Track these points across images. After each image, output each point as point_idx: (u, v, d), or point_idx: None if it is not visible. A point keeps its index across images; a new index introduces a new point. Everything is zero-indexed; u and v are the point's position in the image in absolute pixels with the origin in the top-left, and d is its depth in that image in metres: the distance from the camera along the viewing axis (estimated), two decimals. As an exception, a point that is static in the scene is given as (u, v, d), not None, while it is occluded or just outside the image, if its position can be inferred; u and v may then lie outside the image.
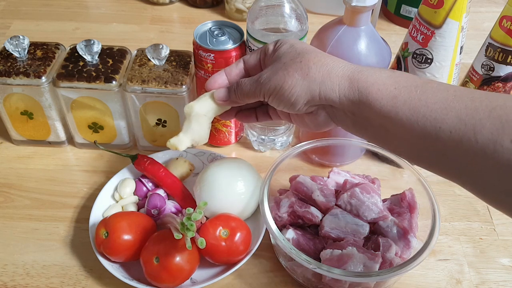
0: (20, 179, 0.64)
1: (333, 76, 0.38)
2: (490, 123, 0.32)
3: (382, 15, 0.97)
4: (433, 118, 0.34)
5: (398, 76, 0.37)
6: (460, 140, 0.33)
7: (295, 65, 0.39)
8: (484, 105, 0.32)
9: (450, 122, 0.33)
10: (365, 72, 0.37)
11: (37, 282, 0.53)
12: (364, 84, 0.37)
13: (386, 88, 0.36)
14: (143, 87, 0.60)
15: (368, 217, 0.53)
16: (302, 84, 0.39)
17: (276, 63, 0.41)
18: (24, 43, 0.61)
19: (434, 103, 0.34)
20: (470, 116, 0.32)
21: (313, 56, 0.39)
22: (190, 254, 0.49)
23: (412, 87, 0.35)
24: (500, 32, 0.61)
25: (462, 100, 0.33)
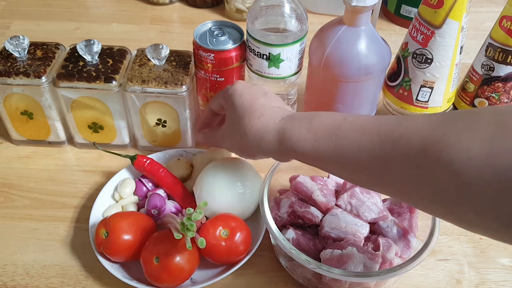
0: (20, 179, 0.64)
1: (266, 141, 0.45)
2: (396, 154, 0.35)
3: (382, 15, 0.97)
4: (352, 158, 0.39)
5: (316, 127, 0.42)
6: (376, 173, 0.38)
7: (237, 132, 0.48)
8: (389, 138, 0.36)
9: (367, 160, 0.38)
10: (288, 131, 0.43)
11: (37, 282, 0.53)
12: (290, 143, 0.43)
13: (307, 143, 0.41)
14: (143, 87, 0.60)
15: (368, 217, 0.53)
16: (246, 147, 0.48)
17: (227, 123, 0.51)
18: (24, 43, 0.61)
19: (349, 146, 0.39)
20: (379, 153, 0.37)
21: (248, 122, 0.47)
22: (190, 254, 0.49)
23: (328, 136, 0.40)
24: (500, 32, 0.61)
25: (371, 138, 0.37)
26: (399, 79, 0.65)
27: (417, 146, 0.34)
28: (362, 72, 0.56)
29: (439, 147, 0.33)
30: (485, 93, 0.65)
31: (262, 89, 0.51)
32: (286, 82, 0.63)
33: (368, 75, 0.57)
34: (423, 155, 0.33)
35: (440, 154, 0.32)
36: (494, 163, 0.30)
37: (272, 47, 0.58)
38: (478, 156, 0.31)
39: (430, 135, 0.34)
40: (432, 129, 0.34)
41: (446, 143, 0.32)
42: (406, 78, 0.63)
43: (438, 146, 0.33)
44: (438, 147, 0.33)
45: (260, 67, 0.60)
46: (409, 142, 0.35)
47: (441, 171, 0.32)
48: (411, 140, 0.35)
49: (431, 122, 0.35)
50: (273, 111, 0.46)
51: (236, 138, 0.48)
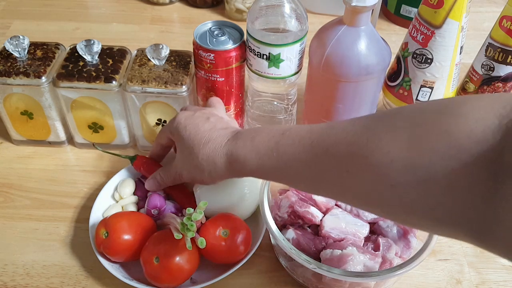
0: (20, 179, 0.64)
1: (219, 165, 0.47)
2: (329, 163, 0.37)
3: (382, 15, 0.97)
4: (293, 171, 0.41)
5: (258, 145, 0.43)
6: (314, 183, 0.40)
7: (190, 164, 0.49)
8: (321, 148, 0.38)
9: (304, 172, 0.40)
10: (234, 153, 0.45)
11: (37, 282, 0.53)
12: (239, 165, 0.45)
13: (253, 161, 0.44)
14: (143, 87, 0.60)
15: (368, 217, 0.53)
16: (204, 176, 0.49)
17: (179, 157, 0.51)
18: (24, 43, 0.61)
19: (289, 160, 0.41)
20: (314, 162, 0.39)
21: (197, 153, 0.48)
22: (190, 254, 0.49)
23: (270, 152, 0.42)
24: (500, 32, 0.61)
25: (305, 150, 0.39)
26: (399, 79, 0.65)
27: (345, 154, 0.36)
28: (362, 72, 0.56)
29: (364, 153, 0.34)
30: (485, 93, 0.65)
31: (204, 114, 0.52)
32: (286, 82, 0.63)
33: (368, 75, 0.57)
34: (352, 162, 0.35)
35: (366, 159, 0.34)
36: (414, 163, 0.31)
37: (272, 47, 0.58)
38: (398, 158, 0.32)
39: (355, 141, 0.35)
40: (358, 135, 0.35)
41: (370, 148, 0.34)
42: (406, 78, 0.63)
43: (364, 152, 0.34)
44: (364, 153, 0.34)
45: (260, 67, 0.60)
46: (338, 150, 0.36)
47: (369, 175, 0.34)
48: (340, 148, 0.36)
49: (356, 128, 0.36)
50: (218, 134, 0.48)
51: (192, 168, 0.49)
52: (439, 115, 0.32)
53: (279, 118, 0.67)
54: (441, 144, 0.30)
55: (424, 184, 0.31)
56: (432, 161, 0.30)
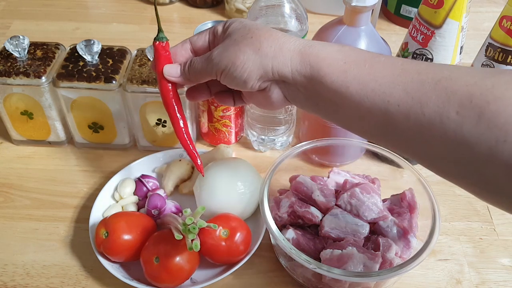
0: (20, 179, 0.64)
1: (285, 50, 0.38)
2: (436, 96, 0.32)
3: (382, 15, 0.97)
4: (381, 92, 0.34)
5: (347, 51, 0.37)
6: (408, 113, 0.33)
7: (246, 40, 0.39)
8: (430, 78, 0.33)
9: (398, 96, 0.33)
10: (316, 46, 0.37)
11: (37, 282, 0.53)
12: (315, 59, 0.37)
13: (336, 63, 0.36)
14: (143, 87, 0.60)
15: (368, 217, 0.53)
16: (254, 59, 0.38)
17: (226, 41, 0.40)
18: (24, 43, 0.61)
19: (383, 77, 0.34)
20: (416, 89, 0.33)
21: (264, 32, 0.39)
22: (190, 254, 0.49)
23: (361, 61, 0.35)
24: (500, 32, 0.61)
25: (409, 74, 0.34)
26: (399, 79, 0.65)
27: (462, 92, 0.31)
28: (362, 72, 0.56)
29: (487, 98, 0.30)
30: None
31: None
32: (286, 82, 0.63)
33: (368, 75, 0.57)
34: (467, 103, 0.31)
35: (487, 105, 0.30)
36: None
37: (272, 47, 0.57)
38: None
39: (477, 83, 0.31)
40: (480, 78, 0.32)
41: (495, 95, 0.30)
42: (406, 78, 0.63)
43: (486, 96, 0.30)
44: (486, 97, 0.30)
45: (260, 67, 0.60)
46: (454, 85, 0.32)
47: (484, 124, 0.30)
48: (456, 84, 0.32)
49: (477, 72, 0.32)
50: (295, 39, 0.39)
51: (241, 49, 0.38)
52: None
53: (279, 118, 0.67)
54: None
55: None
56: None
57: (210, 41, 0.45)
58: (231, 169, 0.56)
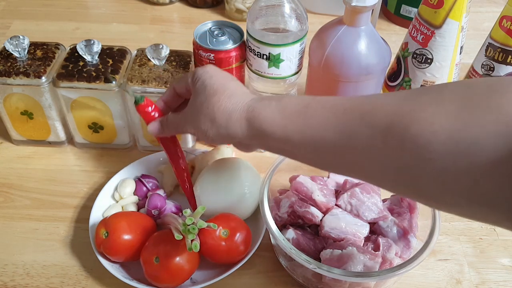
0: (20, 179, 0.64)
1: (234, 120, 0.43)
2: (361, 131, 0.35)
3: (382, 15, 0.97)
4: (319, 137, 0.38)
5: (285, 105, 0.41)
6: (344, 148, 0.37)
7: (204, 111, 0.45)
8: (356, 114, 0.36)
9: (333, 137, 0.37)
10: (257, 109, 0.42)
11: (37, 282, 0.53)
12: (259, 122, 0.42)
13: (276, 122, 0.40)
14: (143, 87, 0.60)
15: (368, 217, 0.53)
16: (212, 128, 0.45)
17: (194, 103, 0.47)
18: (24, 43, 0.61)
19: (317, 124, 0.38)
20: (346, 128, 0.36)
21: (217, 100, 0.44)
22: (190, 254, 0.49)
23: (296, 115, 0.40)
24: (500, 32, 0.61)
25: (337, 115, 0.37)
26: (399, 79, 0.65)
27: (384, 122, 0.34)
28: (362, 72, 0.56)
29: (405, 123, 0.32)
30: None
31: (229, 75, 0.49)
32: (286, 82, 0.63)
33: (368, 75, 0.57)
34: (390, 131, 0.33)
35: (406, 129, 0.32)
36: (458, 137, 0.30)
37: (272, 47, 0.58)
38: (442, 129, 0.30)
39: (396, 110, 0.33)
40: (399, 105, 0.34)
41: (412, 118, 0.32)
42: (406, 78, 0.63)
43: (405, 122, 0.32)
44: (405, 123, 0.32)
45: (260, 67, 0.60)
46: (375, 117, 0.34)
47: (407, 147, 0.32)
48: (377, 116, 0.34)
49: (397, 98, 0.35)
50: (243, 92, 0.45)
51: (201, 119, 0.45)
52: (490, 91, 0.30)
53: (279, 118, 0.67)
54: (490, 119, 0.29)
55: (466, 159, 0.29)
56: (478, 136, 0.29)
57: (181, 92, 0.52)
58: (231, 169, 0.56)
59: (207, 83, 0.46)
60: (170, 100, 0.53)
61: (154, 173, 0.63)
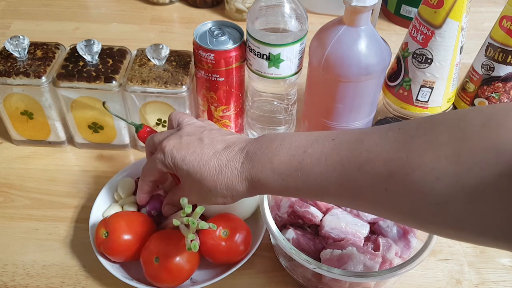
0: (20, 179, 0.64)
1: (239, 190, 0.44)
2: (363, 181, 0.35)
3: (382, 15, 0.97)
4: (320, 190, 0.39)
5: (278, 167, 0.41)
6: (350, 198, 0.38)
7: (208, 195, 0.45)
8: (353, 166, 0.36)
9: (335, 190, 0.38)
10: (256, 178, 0.42)
11: (37, 282, 0.53)
12: (263, 187, 0.42)
13: (277, 184, 0.41)
14: (143, 87, 0.60)
15: (368, 217, 0.53)
16: (227, 199, 0.45)
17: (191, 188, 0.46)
18: (24, 43, 0.61)
19: (314, 180, 0.38)
20: (346, 180, 0.37)
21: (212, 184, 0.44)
22: (190, 254, 0.49)
23: (294, 174, 0.40)
24: (500, 32, 0.61)
25: (334, 168, 0.37)
26: (399, 79, 0.65)
27: (383, 171, 0.34)
28: (362, 72, 0.56)
29: (405, 171, 0.33)
30: (485, 93, 0.65)
31: (191, 135, 0.47)
32: (286, 82, 0.63)
33: (368, 75, 0.57)
34: (391, 180, 0.34)
35: (407, 177, 0.33)
36: (462, 181, 0.30)
37: (272, 47, 0.58)
38: (444, 175, 0.31)
39: (393, 158, 0.34)
40: (394, 151, 0.34)
41: (411, 166, 0.33)
42: (406, 78, 0.63)
43: (404, 170, 0.33)
44: (405, 171, 0.33)
45: (260, 67, 0.60)
46: (374, 167, 0.35)
47: (411, 193, 0.33)
48: (375, 166, 0.35)
49: (391, 142, 0.35)
50: (227, 158, 0.44)
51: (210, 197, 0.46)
52: (484, 128, 0.30)
53: (279, 118, 0.67)
54: (490, 160, 0.29)
55: (473, 200, 0.30)
56: (481, 177, 0.29)
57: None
58: (231, 169, 0.56)
59: (185, 169, 0.45)
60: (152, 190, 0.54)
61: (154, 173, 0.63)
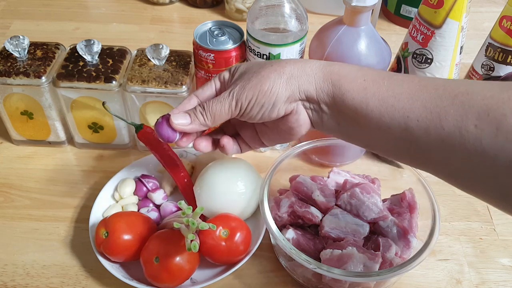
0: (20, 179, 0.64)
1: (308, 70, 0.39)
2: (454, 110, 0.33)
3: (382, 15, 0.97)
4: (400, 107, 0.35)
5: (366, 70, 0.38)
6: (428, 127, 0.34)
7: (268, 68, 0.40)
8: (448, 93, 0.34)
9: (417, 111, 0.34)
10: (336, 65, 0.39)
11: (37, 282, 0.53)
12: (337, 77, 0.38)
13: (356, 80, 0.37)
14: (143, 87, 0.60)
15: (368, 217, 0.53)
16: (280, 82, 0.39)
17: (244, 78, 0.41)
18: (24, 43, 0.61)
19: (401, 93, 0.35)
20: (435, 104, 0.34)
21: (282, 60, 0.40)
22: (190, 254, 0.49)
23: (380, 79, 0.37)
24: (500, 32, 0.61)
25: (426, 89, 0.34)
26: (399, 79, 0.65)
27: (479, 105, 0.32)
28: (362, 72, 0.56)
29: (503, 111, 0.31)
30: None
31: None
32: (286, 82, 0.63)
33: (368, 75, 0.57)
34: (485, 116, 0.32)
35: (504, 117, 0.31)
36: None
37: (272, 47, 0.58)
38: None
39: (494, 96, 0.32)
40: (497, 91, 0.32)
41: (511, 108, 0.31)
42: (406, 78, 0.63)
43: (503, 110, 0.31)
44: (502, 111, 0.31)
45: (260, 67, 0.60)
46: (471, 99, 0.33)
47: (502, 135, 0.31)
48: (473, 98, 0.33)
49: (492, 86, 0.33)
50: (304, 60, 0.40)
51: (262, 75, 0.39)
52: None
53: (279, 118, 0.67)
54: None
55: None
56: None
57: (217, 89, 0.45)
58: (231, 169, 0.56)
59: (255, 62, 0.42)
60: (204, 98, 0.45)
61: (154, 173, 0.63)
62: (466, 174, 0.34)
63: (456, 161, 0.34)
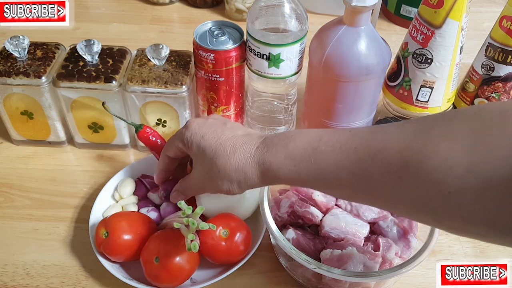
0: (20, 179, 0.64)
1: (249, 174, 0.44)
2: (376, 169, 0.35)
3: (382, 15, 0.97)
4: (333, 178, 0.38)
5: (293, 152, 0.41)
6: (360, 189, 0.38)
7: (217, 175, 0.45)
8: (367, 154, 0.36)
9: (346, 178, 0.38)
10: (267, 162, 0.42)
11: (37, 282, 0.53)
12: (273, 173, 0.42)
13: (289, 169, 0.41)
14: (143, 87, 0.60)
15: (368, 217, 0.53)
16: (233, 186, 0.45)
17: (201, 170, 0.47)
18: (24, 43, 0.61)
19: (329, 167, 0.38)
20: (358, 168, 0.37)
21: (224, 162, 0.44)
22: (190, 254, 0.49)
23: (307, 160, 0.40)
24: (500, 32, 0.61)
25: (348, 156, 0.37)
26: (399, 79, 0.65)
27: (397, 159, 0.34)
28: (362, 72, 0.56)
29: (419, 158, 0.33)
30: (485, 93, 0.65)
31: (218, 119, 0.49)
32: (286, 82, 0.63)
33: (368, 75, 0.57)
34: (404, 167, 0.33)
35: (421, 165, 0.32)
36: (476, 171, 0.30)
37: (272, 47, 0.58)
38: (458, 164, 0.31)
39: (408, 146, 0.34)
40: (410, 141, 0.34)
41: (426, 154, 0.32)
42: (406, 78, 0.63)
43: (418, 157, 0.33)
44: (418, 158, 0.33)
45: (260, 67, 0.60)
46: (388, 155, 0.35)
47: (424, 182, 0.32)
48: (390, 153, 0.34)
49: (407, 132, 0.35)
50: (243, 141, 0.44)
51: (219, 183, 0.45)
52: (501, 119, 0.30)
53: (279, 118, 0.67)
54: (506, 149, 0.29)
55: (486, 191, 0.29)
56: (495, 167, 0.29)
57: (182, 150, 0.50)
58: (231, 169, 0.56)
59: (202, 145, 0.46)
60: (168, 167, 0.54)
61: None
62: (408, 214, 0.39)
63: (398, 207, 0.37)
